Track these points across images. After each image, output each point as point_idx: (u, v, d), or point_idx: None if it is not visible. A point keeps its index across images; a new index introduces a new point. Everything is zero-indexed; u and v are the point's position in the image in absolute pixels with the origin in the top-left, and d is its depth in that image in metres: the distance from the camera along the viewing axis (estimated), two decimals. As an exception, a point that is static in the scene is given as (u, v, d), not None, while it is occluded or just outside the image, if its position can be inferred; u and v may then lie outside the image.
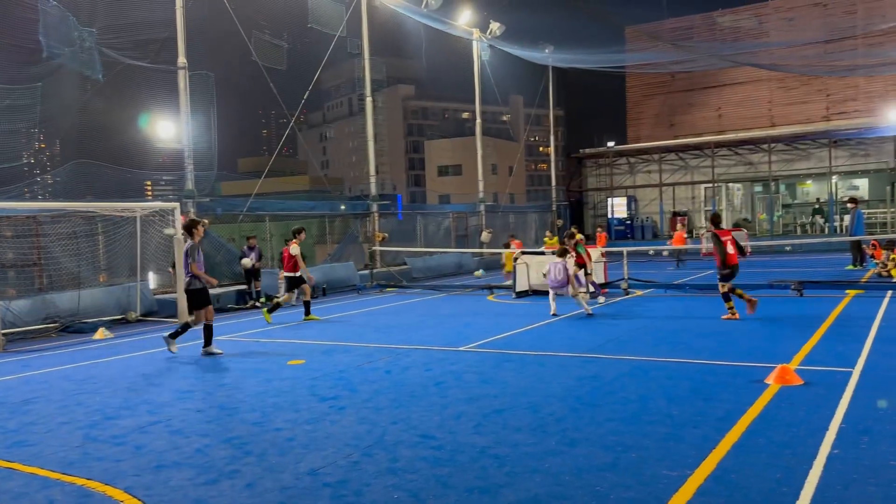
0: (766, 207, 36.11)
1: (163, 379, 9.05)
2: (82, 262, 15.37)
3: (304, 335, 12.41)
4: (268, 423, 6.66)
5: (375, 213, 24.25)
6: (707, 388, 7.23)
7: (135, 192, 19.03)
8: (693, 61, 35.00)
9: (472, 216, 30.90)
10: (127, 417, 7.13)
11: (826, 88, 37.09)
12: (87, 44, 15.61)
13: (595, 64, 32.77)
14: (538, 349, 9.88)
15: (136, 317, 15.48)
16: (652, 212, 36.81)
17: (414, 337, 11.56)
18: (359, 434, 6.16)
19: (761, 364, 8.11)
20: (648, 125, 41.77)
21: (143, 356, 10.95)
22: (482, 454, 5.46)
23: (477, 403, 7.01)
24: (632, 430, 5.88)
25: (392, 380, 8.33)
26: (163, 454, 5.87)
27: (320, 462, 5.45)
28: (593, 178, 39.52)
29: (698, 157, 35.97)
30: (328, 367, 9.32)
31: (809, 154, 33.56)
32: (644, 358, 8.94)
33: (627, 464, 5.10)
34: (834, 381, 7.20)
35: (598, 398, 7.02)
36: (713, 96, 39.73)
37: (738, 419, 6.03)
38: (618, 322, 12.35)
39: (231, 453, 5.80)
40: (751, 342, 9.80)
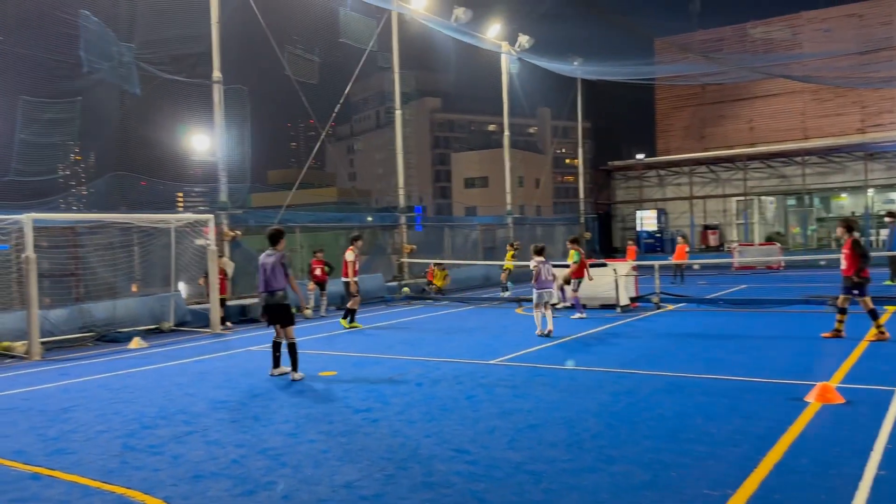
0: (799, 221, 35.54)
1: (196, 389, 9.14)
2: (118, 273, 15.63)
3: (334, 346, 12.46)
4: (302, 435, 6.68)
5: (403, 225, 24.33)
6: (745, 405, 7.11)
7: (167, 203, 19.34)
8: (724, 73, 34.68)
9: (499, 228, 30.84)
10: (164, 427, 7.21)
11: (861, 100, 36.50)
12: (125, 59, 15.95)
13: (624, 76, 32.64)
14: (570, 363, 9.80)
15: (169, 327, 15.68)
16: (682, 225, 36.42)
17: (443, 350, 11.54)
18: (392, 447, 6.15)
19: (800, 381, 7.96)
20: (678, 137, 41.43)
21: (177, 366, 11.08)
22: (518, 470, 5.41)
23: (510, 418, 6.97)
24: (670, 448, 5.79)
25: (423, 393, 8.32)
26: (200, 464, 5.92)
27: (356, 475, 5.45)
28: (622, 190, 39.24)
29: (730, 169, 35.56)
30: (360, 378, 9.34)
31: (844, 167, 33.00)
32: (679, 374, 8.82)
33: (667, 482, 5.02)
34: (877, 400, 7.03)
35: (633, 414, 6.93)
36: (745, 108, 39.29)
37: (779, 438, 5.92)
38: (650, 337, 12.21)
39: (267, 464, 5.83)
40: (789, 359, 9.62)
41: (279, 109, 79.46)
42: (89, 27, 15.45)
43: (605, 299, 16.30)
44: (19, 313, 13.27)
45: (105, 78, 16.03)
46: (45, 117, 16.22)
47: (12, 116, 15.87)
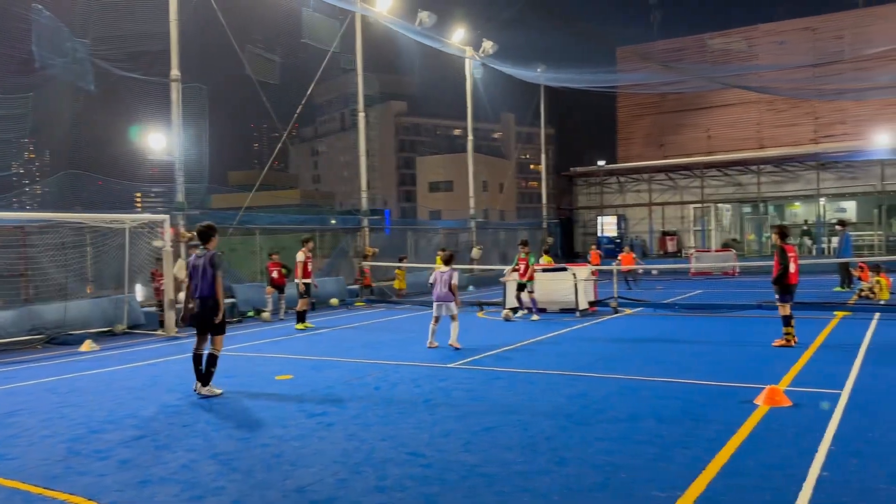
0: (754, 228, 36.36)
1: (148, 392, 8.94)
2: (70, 274, 15.23)
3: (292, 350, 12.33)
4: (255, 439, 6.59)
5: (366, 228, 24.22)
6: (697, 408, 7.22)
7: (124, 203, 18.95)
8: (683, 82, 35.37)
9: (462, 232, 30.92)
10: (111, 431, 7.04)
11: (815, 111, 37.55)
12: (79, 55, 15.59)
13: (586, 84, 33.05)
14: (527, 366, 9.86)
15: (122, 329, 15.34)
16: (642, 231, 36.98)
17: (402, 353, 11.50)
18: (347, 451, 6.10)
19: (750, 385, 8.12)
20: (639, 145, 42.09)
21: (129, 369, 10.84)
22: (471, 472, 5.41)
23: (466, 421, 6.97)
24: (622, 450, 5.85)
25: (381, 396, 8.28)
26: (147, 469, 5.79)
27: (308, 479, 5.39)
28: (584, 196, 39.70)
29: (688, 177, 36.23)
30: (316, 382, 9.25)
31: (798, 176, 33.87)
32: (634, 377, 8.93)
33: (618, 484, 5.07)
34: (822, 403, 7.20)
35: (587, 417, 6.99)
36: (703, 117, 40.10)
37: (727, 440, 6.02)
38: (607, 341, 12.34)
39: (217, 469, 5.73)
40: (740, 363, 9.81)
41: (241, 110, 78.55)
42: (42, 21, 15.06)
43: (565, 303, 16.44)
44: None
45: (58, 74, 15.64)
46: (-6, 113, 15.78)
47: (-38, 112, 15.40)
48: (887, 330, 12.46)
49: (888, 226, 32.53)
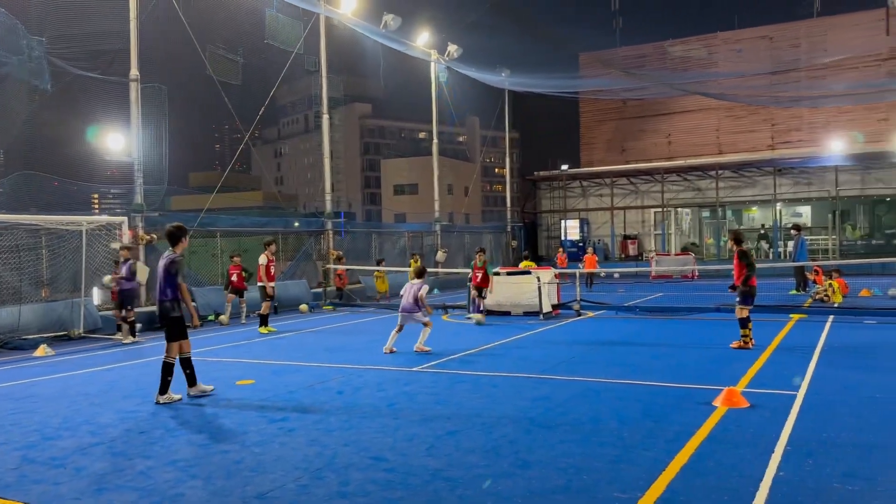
0: (713, 232, 37.06)
1: (105, 398, 8.74)
2: (24, 277, 14.82)
3: (253, 354, 12.18)
4: (214, 446, 6.49)
5: (330, 231, 24.07)
6: (657, 409, 7.33)
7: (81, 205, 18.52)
8: (644, 89, 35.93)
9: (427, 235, 30.92)
10: (67, 438, 6.87)
11: (772, 118, 38.45)
12: (35, 53, 15.20)
13: (550, 89, 33.36)
14: (492, 370, 9.89)
15: (79, 333, 14.98)
16: (604, 234, 37.42)
17: (367, 357, 11.44)
18: (308, 457, 6.04)
19: (709, 386, 8.26)
20: (601, 150, 42.60)
21: (85, 374, 10.59)
22: (435, 477, 5.41)
23: (430, 425, 6.96)
24: (584, 452, 5.91)
25: (344, 401, 8.22)
26: (104, 476, 5.66)
27: (268, 485, 5.33)
28: (547, 200, 40.02)
29: (649, 182, 36.78)
30: (278, 387, 9.15)
31: (755, 181, 34.63)
32: (596, 379, 9.02)
33: (579, 486, 5.11)
34: (779, 404, 7.37)
35: (551, 420, 7.04)
36: (664, 123, 40.77)
37: (687, 441, 6.12)
38: (570, 343, 12.45)
39: (175, 476, 5.62)
40: (699, 365, 9.99)
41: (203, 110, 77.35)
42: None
43: (528, 307, 16.55)
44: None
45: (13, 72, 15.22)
46: (-55, 111, 15.29)
47: None
48: (841, 332, 12.81)
49: (842, 230, 33.46)
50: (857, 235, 34.29)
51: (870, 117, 36.14)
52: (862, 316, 14.98)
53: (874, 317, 14.77)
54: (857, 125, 36.29)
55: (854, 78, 35.37)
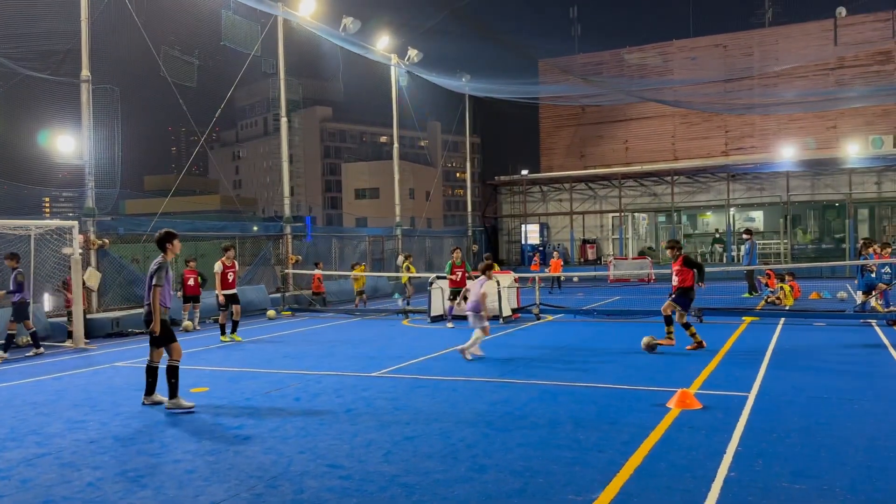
0: (669, 237, 37.72)
1: (53, 408, 8.49)
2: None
3: (208, 361, 11.96)
4: (166, 455, 6.35)
5: (289, 235, 23.83)
6: (612, 412, 7.41)
7: (32, 209, 18.01)
8: (602, 95, 36.45)
9: (388, 240, 30.83)
10: (13, 449, 6.65)
11: (725, 125, 39.36)
12: (-20, 52, 14.74)
13: (510, 94, 33.63)
14: (451, 374, 9.89)
15: (26, 341, 14.51)
16: (563, 239, 37.80)
17: (326, 363, 11.34)
18: (264, 465, 5.96)
19: (663, 388, 8.39)
20: (560, 155, 43.07)
21: (33, 383, 10.27)
22: (391, 483, 5.38)
23: (388, 430, 6.93)
24: (540, 455, 5.94)
25: (301, 407, 8.13)
26: (51, 489, 5.49)
27: (221, 495, 5.23)
28: (508, 204, 40.28)
29: (607, 187, 37.30)
30: (234, 394, 9.01)
31: (709, 187, 35.37)
32: (553, 382, 9.09)
33: (535, 490, 5.14)
34: (731, 405, 7.52)
35: (508, 423, 7.06)
36: (621, 129, 41.41)
37: (640, 443, 6.20)
38: (529, 347, 12.53)
39: (125, 487, 5.49)
40: (654, 367, 10.14)
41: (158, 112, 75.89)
42: (-62, 16, 14.17)
43: (489, 310, 16.57)
44: None
45: (-43, 71, 14.74)
46: None
47: None
48: (791, 334, 13.15)
49: (793, 234, 34.37)
50: (807, 239, 35.27)
51: (819, 125, 37.29)
52: (812, 318, 15.41)
53: (823, 319, 15.20)
54: (807, 132, 37.40)
55: (804, 86, 36.47)
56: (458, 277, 15.96)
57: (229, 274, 14.50)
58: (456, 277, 16.00)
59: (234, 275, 14.69)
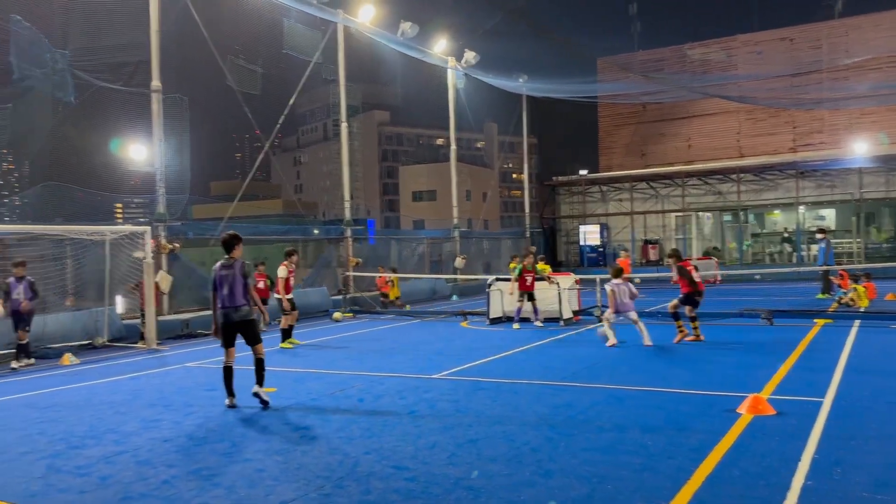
0: (735, 236, 36.69)
1: (129, 407, 8.83)
2: (49, 286, 15.02)
3: (274, 362, 12.21)
4: (237, 454, 6.51)
5: (349, 238, 24.16)
6: (681, 417, 7.24)
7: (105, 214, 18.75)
8: (664, 92, 35.69)
9: (446, 242, 30.93)
10: (92, 447, 6.93)
11: (793, 121, 38.01)
12: (59, 66, 15.45)
13: (568, 94, 33.27)
14: (512, 377, 9.85)
15: (103, 342, 15.14)
16: (624, 239, 37.17)
17: (387, 364, 11.45)
18: (330, 465, 6.05)
19: (734, 393, 8.16)
20: (620, 154, 42.36)
21: (110, 383, 10.70)
22: (456, 486, 5.38)
23: (451, 433, 6.94)
24: (607, 461, 5.85)
25: (365, 408, 8.23)
26: (129, 486, 5.70)
27: (291, 494, 5.33)
28: (566, 205, 39.86)
29: (669, 186, 36.51)
30: (300, 395, 9.18)
31: (777, 184, 34.24)
32: (618, 386, 8.95)
33: (603, 496, 5.06)
34: (806, 411, 7.26)
35: (572, 427, 6.99)
36: (683, 127, 40.47)
37: (711, 449, 6.04)
38: (591, 350, 12.37)
39: (199, 485, 5.65)
40: (723, 371, 9.87)
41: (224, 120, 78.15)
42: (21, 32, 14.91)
43: (548, 312, 16.46)
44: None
45: (37, 85, 15.49)
46: (-29, 124, 15.57)
47: (-64, 123, 15.19)
48: (867, 337, 12.60)
49: (866, 233, 32.96)
50: (882, 238, 33.75)
51: (893, 118, 35.61)
52: (889, 320, 14.73)
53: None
54: (880, 127, 35.75)
55: (877, 79, 34.88)
56: (529, 281, 15.97)
57: (291, 279, 14.79)
58: (527, 281, 15.99)
59: (293, 280, 15.03)
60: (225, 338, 8.66)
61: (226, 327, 8.61)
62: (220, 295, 8.58)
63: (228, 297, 8.55)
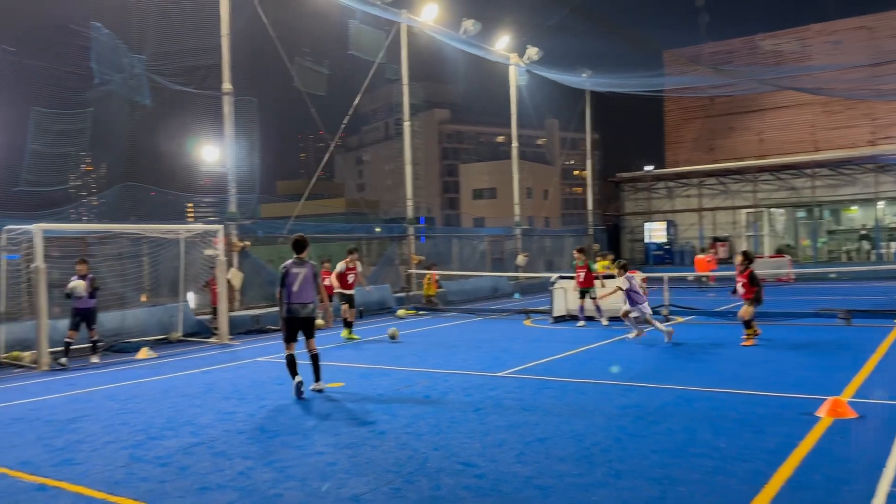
0: (809, 233, 35.36)
1: (204, 400, 9.13)
2: (127, 283, 15.67)
3: (341, 357, 12.44)
4: (309, 447, 6.66)
5: (412, 236, 24.34)
6: (755, 419, 7.03)
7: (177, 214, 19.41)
8: (733, 85, 34.63)
9: (507, 240, 30.82)
10: (171, 438, 7.20)
11: (872, 112, 36.35)
12: (136, 70, 16.08)
13: (633, 88, 32.63)
14: (578, 376, 9.75)
15: (177, 337, 15.70)
16: (691, 237, 36.31)
17: (451, 361, 11.50)
18: (400, 460, 6.12)
19: (811, 396, 7.87)
20: (687, 149, 41.35)
21: (185, 376, 11.08)
22: (526, 484, 5.37)
23: (518, 431, 6.92)
24: (678, 463, 5.73)
25: (431, 405, 8.28)
26: (206, 476, 5.90)
27: (363, 488, 5.42)
28: (630, 202, 39.17)
29: (739, 181, 35.44)
30: (367, 390, 9.32)
31: (855, 179, 32.82)
32: (687, 387, 8.75)
33: (676, 498, 4.96)
34: (889, 415, 6.95)
35: (642, 428, 6.87)
36: (754, 120, 39.21)
37: (790, 453, 5.85)
38: (659, 350, 12.13)
39: (273, 476, 5.80)
40: (799, 373, 9.53)
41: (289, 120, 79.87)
42: (101, 39, 15.59)
43: (613, 312, 16.21)
44: (28, 323, 13.32)
45: (116, 89, 16.16)
46: (56, 128, 16.35)
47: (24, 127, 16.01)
48: (955, 339, 11.96)
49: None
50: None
51: (982, 108, 33.67)
52: (979, 321, 13.94)
53: None
54: (968, 117, 33.87)
55: (964, 67, 33.02)
56: (581, 277, 15.83)
57: (349, 276, 14.99)
58: (579, 277, 15.88)
59: (354, 276, 15.13)
60: (288, 332, 9.12)
61: (291, 321, 9.05)
62: (289, 291, 8.98)
63: (298, 293, 8.97)
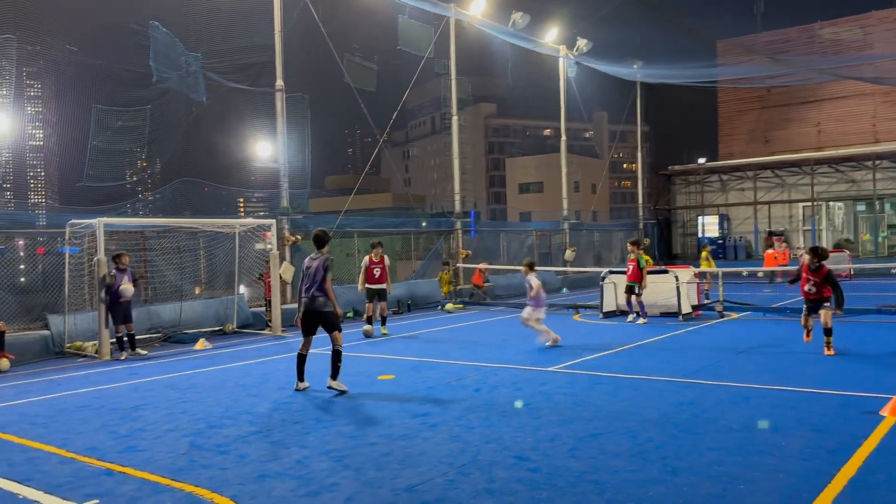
0: (869, 228, 34.20)
1: (260, 390, 9.34)
2: (184, 276, 16.10)
3: (390, 350, 12.56)
4: (363, 437, 6.76)
5: (459, 231, 24.38)
6: (816, 418, 6.87)
7: (230, 208, 19.85)
8: (790, 75, 33.65)
9: (555, 234, 30.60)
10: (229, 426, 7.39)
11: (937, 102, 34.94)
12: (192, 68, 16.50)
13: (685, 79, 31.97)
14: (631, 372, 9.65)
15: (232, 328, 16.08)
16: (746, 231, 35.47)
17: (500, 355, 11.50)
18: (452, 452, 6.16)
19: (874, 395, 7.65)
20: (742, 141, 40.37)
21: (241, 367, 11.35)
22: (580, 479, 5.35)
23: (570, 426, 6.90)
24: (737, 461, 5.64)
25: (482, 398, 8.31)
26: (265, 464, 6.04)
27: (417, 479, 5.48)
28: (682, 195, 38.46)
29: (796, 174, 34.47)
30: (417, 383, 9.40)
31: (918, 171, 31.60)
32: (744, 384, 8.58)
33: (736, 496, 4.89)
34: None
35: (698, 425, 6.77)
36: (812, 111, 38.05)
37: (853, 453, 5.70)
38: (713, 346, 11.92)
39: (330, 465, 5.91)
40: (860, 371, 9.26)
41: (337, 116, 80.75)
42: (158, 38, 16.04)
43: (666, 307, 15.99)
44: (90, 314, 13.81)
45: (173, 87, 16.61)
46: (116, 125, 16.90)
47: (86, 124, 16.58)
48: None
49: None
50: None
51: None
52: None
53: None
54: None
55: None
56: (630, 270, 15.48)
57: (375, 270, 14.74)
58: (629, 271, 15.55)
59: (380, 270, 14.72)
60: (305, 326, 9.16)
61: (303, 316, 9.11)
62: (304, 286, 9.08)
63: (309, 288, 9.03)
